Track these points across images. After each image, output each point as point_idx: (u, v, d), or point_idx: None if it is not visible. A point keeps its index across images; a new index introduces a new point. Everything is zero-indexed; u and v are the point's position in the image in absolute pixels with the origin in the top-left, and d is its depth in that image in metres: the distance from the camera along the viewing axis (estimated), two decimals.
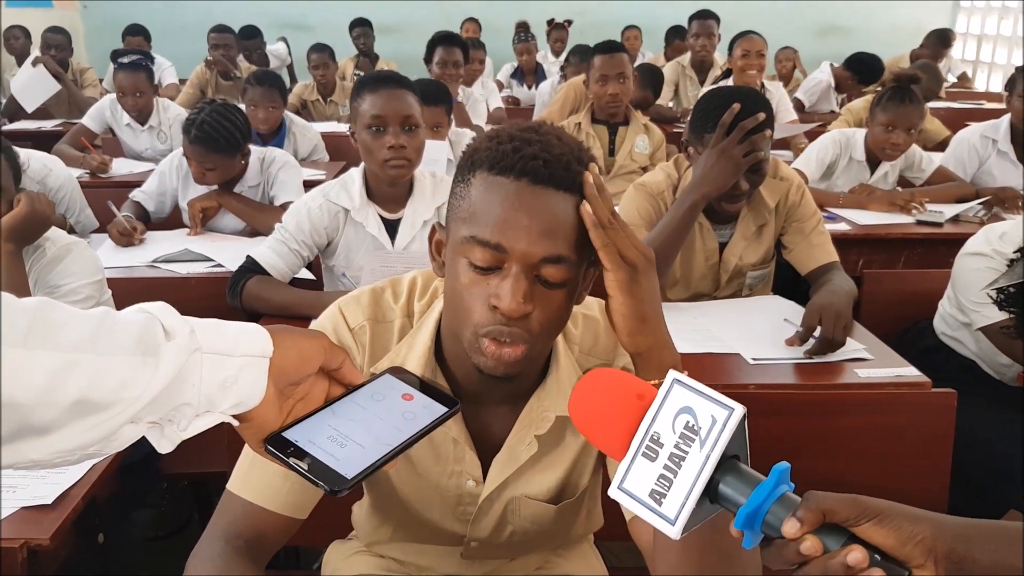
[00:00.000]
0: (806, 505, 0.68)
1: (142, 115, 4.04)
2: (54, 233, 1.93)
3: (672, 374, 0.72)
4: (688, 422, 0.70)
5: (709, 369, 1.81)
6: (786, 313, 2.09)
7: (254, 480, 1.05)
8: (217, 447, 1.51)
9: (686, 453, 0.69)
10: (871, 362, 1.82)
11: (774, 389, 1.73)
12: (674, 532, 0.68)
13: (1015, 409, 2.10)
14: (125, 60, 4.00)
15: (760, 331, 1.98)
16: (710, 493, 0.69)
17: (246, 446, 1.07)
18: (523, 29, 7.41)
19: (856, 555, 0.65)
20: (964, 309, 2.14)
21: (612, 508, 0.95)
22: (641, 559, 1.08)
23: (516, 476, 1.13)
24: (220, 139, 2.68)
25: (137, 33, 6.64)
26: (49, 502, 1.29)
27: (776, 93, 4.65)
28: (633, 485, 0.71)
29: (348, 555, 1.34)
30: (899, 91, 3.15)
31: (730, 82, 4.54)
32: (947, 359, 2.25)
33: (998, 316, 2.00)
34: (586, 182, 0.94)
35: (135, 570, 2.17)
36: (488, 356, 0.95)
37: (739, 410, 0.69)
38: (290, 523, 1.07)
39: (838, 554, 0.66)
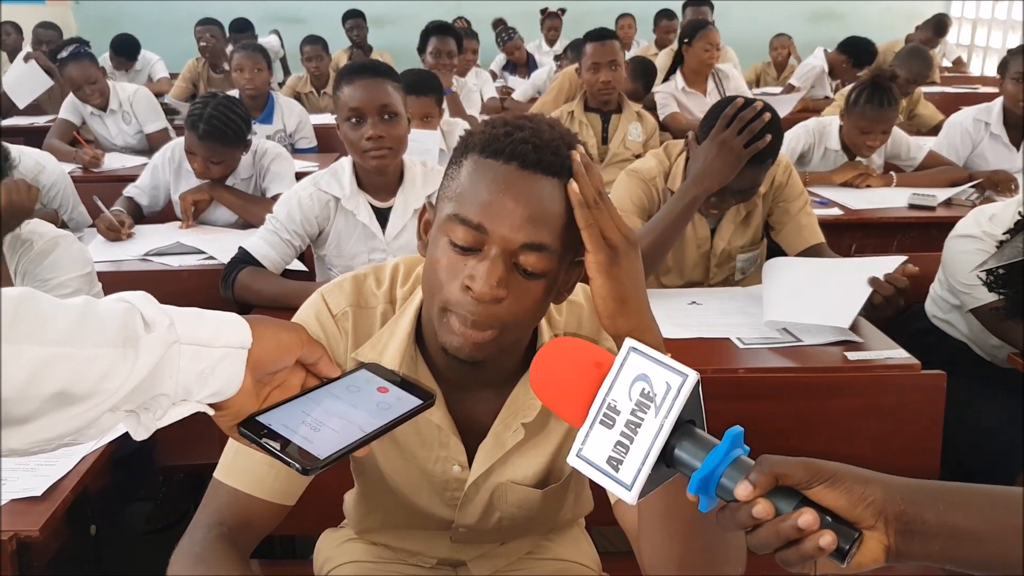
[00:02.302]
0: (758, 468, 0.69)
1: (103, 101, 4.03)
2: (42, 227, 1.93)
3: (628, 342, 0.73)
4: (644, 389, 0.71)
5: (700, 353, 1.81)
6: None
7: (240, 467, 1.06)
8: (211, 439, 1.51)
9: (642, 420, 0.70)
10: (861, 345, 1.83)
11: (764, 373, 1.74)
12: (630, 497, 0.69)
13: (1007, 390, 2.11)
14: (65, 54, 3.97)
15: (751, 316, 1.98)
16: (666, 458, 0.70)
17: None
18: (503, 27, 7.35)
19: (807, 518, 0.66)
20: (955, 291, 2.14)
21: (601, 492, 0.95)
22: None
23: (501, 462, 1.13)
24: (228, 131, 2.69)
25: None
26: (39, 494, 1.29)
27: (732, 76, 4.66)
28: (591, 452, 0.72)
29: (340, 543, 1.34)
30: (876, 92, 3.09)
31: (677, 76, 4.51)
32: (939, 341, 2.25)
33: (989, 298, 2.00)
34: (573, 160, 0.94)
35: (131, 563, 2.17)
36: (455, 333, 0.96)
37: (692, 376, 0.69)
38: (277, 510, 1.07)
39: (789, 517, 0.67)
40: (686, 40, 4.48)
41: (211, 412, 0.76)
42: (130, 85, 4.21)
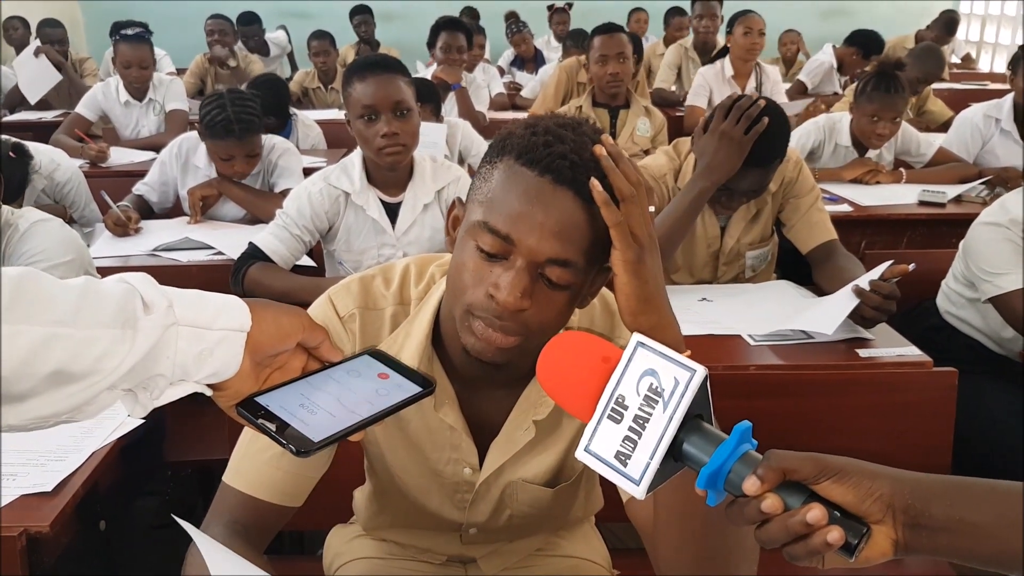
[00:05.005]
0: (766, 464, 0.69)
1: (144, 88, 4.03)
2: (29, 212, 1.90)
3: (636, 337, 0.73)
4: (652, 384, 0.70)
5: (710, 350, 1.80)
6: (791, 297, 2.08)
7: (247, 471, 1.06)
8: (219, 434, 1.51)
9: (649, 415, 0.70)
10: (872, 342, 1.81)
11: (775, 370, 1.73)
12: (639, 492, 0.69)
13: (1019, 387, 2.09)
14: (129, 32, 3.96)
15: (762, 313, 1.97)
16: (674, 452, 0.70)
17: (240, 439, 1.08)
18: (513, 20, 7.38)
19: (815, 513, 0.67)
20: (974, 279, 2.12)
21: (612, 489, 0.94)
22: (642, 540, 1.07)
23: (513, 461, 1.13)
24: (257, 120, 2.72)
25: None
26: (49, 489, 1.28)
27: (772, 76, 4.65)
28: (599, 447, 0.72)
29: (350, 539, 1.35)
30: (883, 79, 3.09)
31: (727, 61, 4.51)
32: (950, 338, 2.24)
33: (1009, 286, 2.00)
34: (600, 156, 0.91)
35: (139, 558, 2.17)
36: (478, 336, 0.95)
37: (701, 371, 0.69)
38: (284, 511, 1.08)
39: (798, 512, 0.68)
40: (728, 30, 4.45)
41: (209, 392, 0.76)
42: (167, 76, 4.23)
